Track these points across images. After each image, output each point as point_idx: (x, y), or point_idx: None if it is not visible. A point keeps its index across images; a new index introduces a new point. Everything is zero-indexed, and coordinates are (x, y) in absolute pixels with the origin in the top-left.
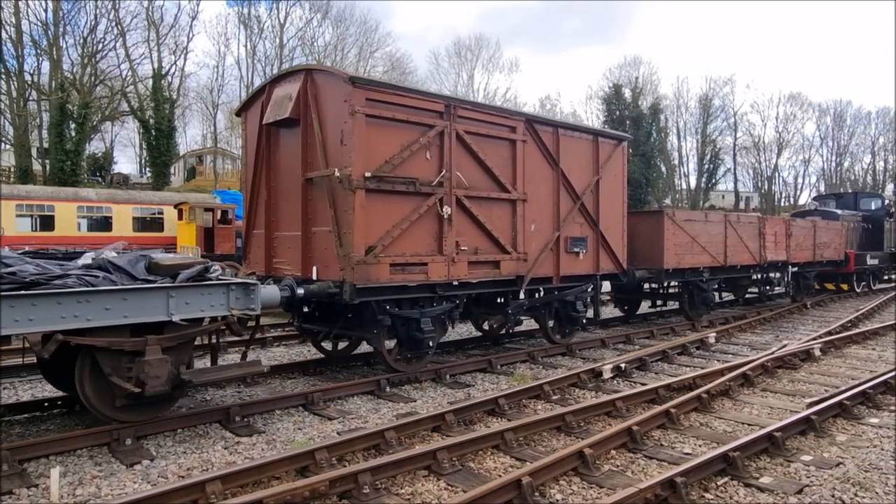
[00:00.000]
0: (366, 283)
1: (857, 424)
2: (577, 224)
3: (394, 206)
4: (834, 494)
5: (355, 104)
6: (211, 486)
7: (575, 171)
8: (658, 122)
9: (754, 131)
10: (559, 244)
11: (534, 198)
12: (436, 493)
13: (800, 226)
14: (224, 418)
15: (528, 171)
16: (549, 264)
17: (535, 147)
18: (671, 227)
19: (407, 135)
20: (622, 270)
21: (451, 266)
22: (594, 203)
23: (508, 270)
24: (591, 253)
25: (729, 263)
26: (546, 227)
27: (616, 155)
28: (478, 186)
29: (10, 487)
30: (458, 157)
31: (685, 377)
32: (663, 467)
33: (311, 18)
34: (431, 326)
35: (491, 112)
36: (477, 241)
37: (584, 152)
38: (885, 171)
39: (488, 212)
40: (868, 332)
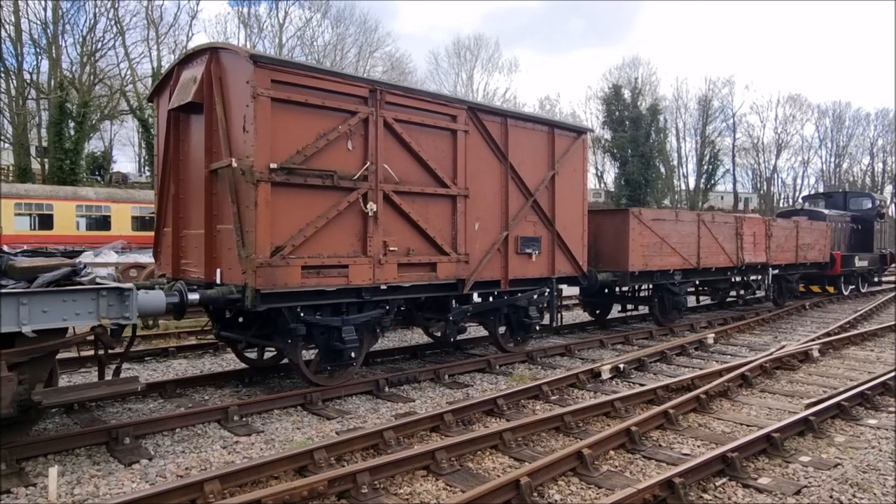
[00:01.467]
0: (272, 287)
1: (855, 426)
2: (529, 223)
3: (307, 201)
4: (832, 495)
5: (258, 86)
6: (209, 485)
7: (527, 166)
8: (657, 122)
9: (753, 132)
10: (508, 245)
11: (478, 194)
12: (434, 493)
13: (781, 226)
14: (222, 418)
15: (471, 164)
16: (497, 267)
17: (481, 138)
18: (637, 227)
19: (324, 122)
20: (582, 273)
21: (378, 269)
22: (549, 200)
23: (447, 273)
24: (546, 254)
25: (703, 266)
26: (493, 226)
27: (575, 149)
28: (411, 181)
29: (8, 486)
30: (387, 148)
31: (684, 378)
32: (662, 468)
33: (310, 18)
34: (354, 335)
35: (426, 99)
36: (409, 242)
37: (538, 145)
38: (884, 173)
39: (423, 209)
40: (867, 334)
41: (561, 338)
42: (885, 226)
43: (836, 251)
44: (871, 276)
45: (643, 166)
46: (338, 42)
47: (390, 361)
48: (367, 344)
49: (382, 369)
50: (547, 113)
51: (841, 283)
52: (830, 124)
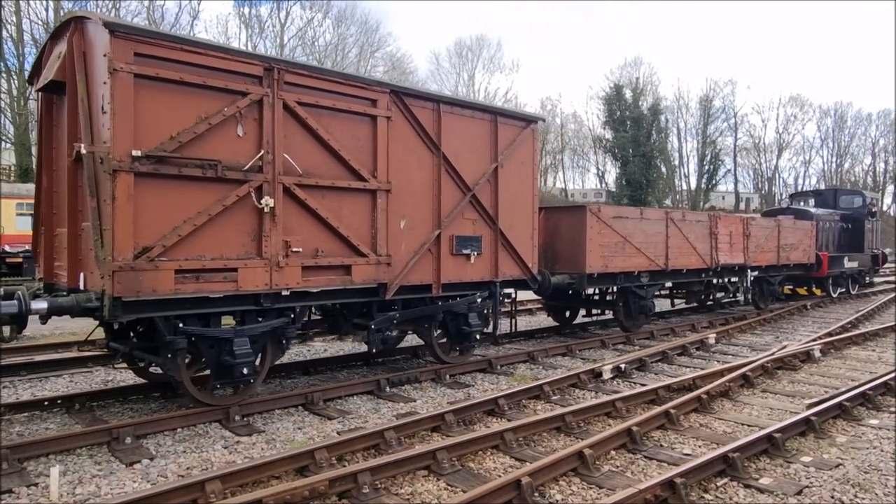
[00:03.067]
0: (135, 294)
1: (856, 426)
2: (467, 221)
3: (183, 195)
4: (833, 495)
5: (117, 60)
6: (210, 485)
7: (464, 157)
8: (658, 122)
9: (755, 132)
10: (441, 245)
11: (405, 188)
12: (435, 493)
13: (761, 225)
14: (224, 417)
15: (395, 155)
16: (427, 269)
17: (408, 126)
18: (595, 225)
19: (206, 104)
20: (531, 276)
21: (277, 272)
22: (492, 196)
23: (364, 277)
24: (488, 255)
25: (672, 267)
26: (422, 225)
27: (523, 139)
28: (319, 173)
29: (9, 486)
30: (289, 135)
31: (685, 378)
32: (663, 468)
33: (311, 18)
34: (248, 349)
35: (337, 80)
36: (318, 241)
37: (478, 135)
38: (886, 173)
39: (335, 205)
40: (868, 334)
41: (562, 337)
42: (877, 225)
43: (824, 252)
44: (862, 278)
45: (644, 166)
46: (339, 42)
47: (391, 361)
48: (272, 357)
49: (383, 369)
50: (548, 114)
51: (829, 285)
52: (832, 124)
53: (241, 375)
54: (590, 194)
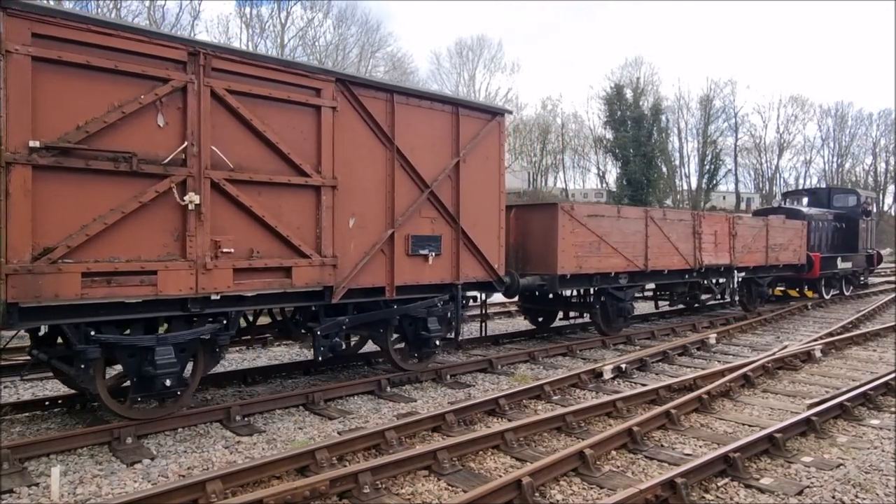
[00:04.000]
0: (35, 300)
1: (857, 426)
2: (425, 219)
3: (92, 190)
4: (834, 496)
5: (11, 40)
6: (211, 485)
7: (421, 152)
8: (659, 122)
9: (755, 132)
10: (394, 245)
11: (354, 185)
12: (436, 493)
13: (748, 225)
14: (225, 417)
15: (342, 149)
16: (380, 271)
17: (357, 118)
18: (568, 224)
19: (120, 90)
20: (497, 278)
21: (204, 275)
22: (453, 193)
23: (307, 279)
24: (448, 256)
25: (652, 268)
26: (374, 223)
27: (488, 133)
28: (254, 167)
29: (10, 486)
30: (219, 126)
31: (686, 378)
32: (664, 468)
33: (312, 18)
34: (172, 358)
35: (274, 66)
36: (253, 242)
37: (437, 128)
38: (887, 173)
39: (273, 202)
40: (869, 334)
41: (563, 338)
42: (872, 224)
43: (816, 252)
44: (856, 279)
45: (645, 166)
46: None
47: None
48: (203, 367)
49: (384, 369)
50: (549, 114)
51: (822, 286)
52: (833, 124)
53: (164, 387)
54: (590, 194)
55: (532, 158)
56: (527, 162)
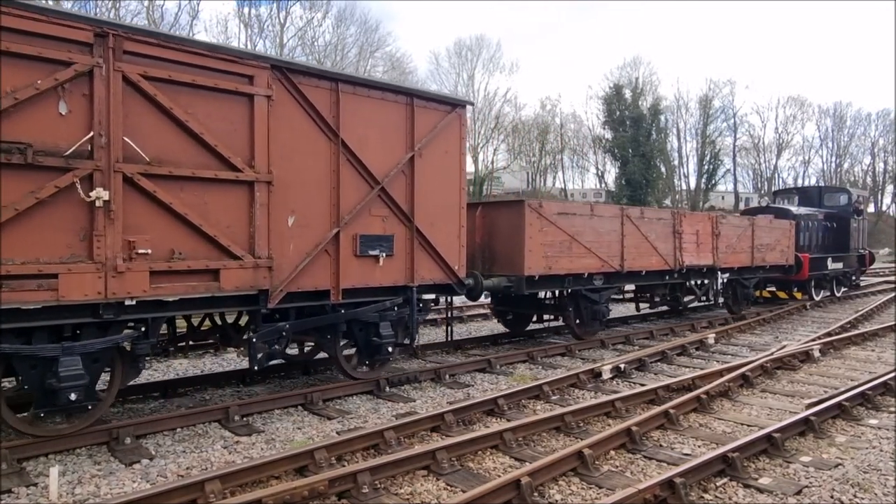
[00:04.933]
0: None
1: (856, 426)
2: (375, 218)
3: None
4: (833, 495)
5: None
6: (210, 485)
7: (371, 146)
8: (658, 122)
9: (754, 132)
10: (340, 245)
11: (294, 180)
12: (435, 493)
13: (732, 224)
14: (223, 417)
15: (280, 141)
16: (324, 273)
17: (297, 108)
18: (536, 223)
19: (11, 75)
20: (457, 280)
21: (115, 278)
22: (407, 189)
23: (238, 283)
24: (402, 257)
25: (628, 269)
26: (317, 222)
27: (447, 126)
28: (175, 160)
29: (9, 486)
30: (132, 115)
31: (684, 378)
32: (662, 468)
33: (311, 18)
34: (78, 369)
35: (198, 51)
36: (175, 241)
37: (389, 120)
38: (885, 173)
39: (198, 199)
40: (867, 334)
41: (562, 337)
42: (864, 223)
43: (805, 253)
44: (848, 279)
45: (644, 166)
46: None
47: (391, 361)
48: (123, 378)
49: (383, 369)
50: (548, 114)
51: (811, 287)
52: (831, 124)
53: (69, 401)
54: (589, 194)
55: (531, 158)
56: (526, 162)
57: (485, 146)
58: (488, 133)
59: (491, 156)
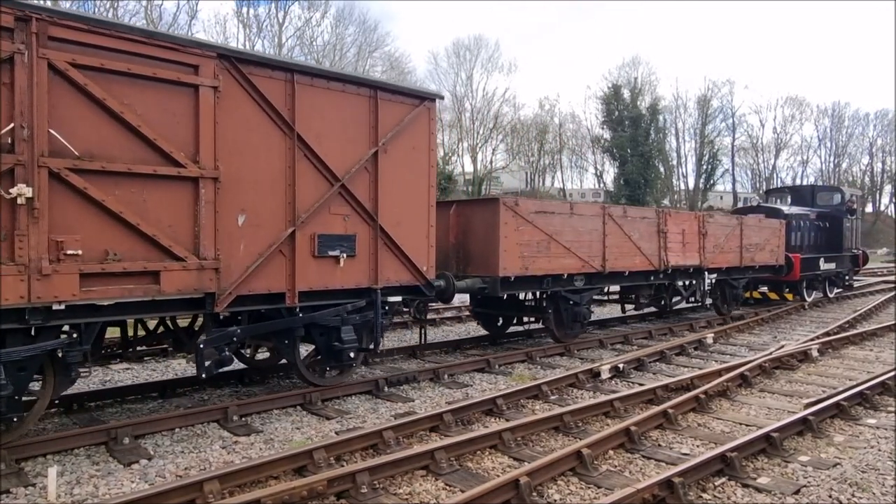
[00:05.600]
0: None
1: (854, 425)
2: (335, 216)
3: None
4: (831, 495)
5: None
6: (209, 485)
7: (331, 141)
8: (657, 122)
9: (753, 132)
10: (296, 245)
11: (244, 177)
12: (434, 493)
13: (720, 223)
14: (222, 418)
15: (228, 135)
16: (279, 275)
17: (248, 100)
18: (512, 221)
19: None
20: (425, 282)
21: (40, 281)
22: (370, 187)
23: (181, 286)
24: (365, 257)
25: (611, 269)
26: (271, 221)
27: (414, 120)
28: (108, 155)
29: (7, 487)
30: (60, 106)
31: (683, 378)
32: (661, 467)
33: (309, 18)
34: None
35: (134, 37)
36: (109, 242)
37: (351, 114)
38: (883, 173)
39: (136, 196)
40: (866, 333)
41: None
42: (857, 223)
43: (796, 253)
44: (841, 280)
45: (643, 166)
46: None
47: (390, 361)
48: (55, 388)
49: (382, 369)
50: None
51: (803, 288)
52: (830, 124)
53: None
54: (588, 194)
55: (530, 158)
56: (524, 162)
57: (483, 146)
58: (487, 133)
59: (490, 156)
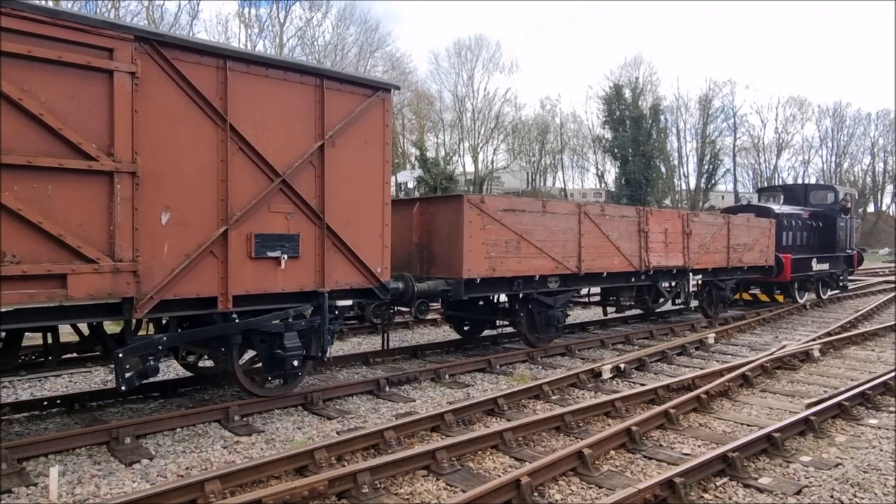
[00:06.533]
0: None
1: (856, 425)
2: (276, 214)
3: None
4: (833, 495)
5: None
6: (210, 485)
7: (271, 133)
8: (658, 122)
9: (754, 132)
10: (230, 245)
11: (168, 171)
12: (435, 493)
13: (705, 222)
14: (223, 417)
15: (149, 126)
16: (210, 277)
17: (173, 88)
18: (477, 220)
19: None
20: (379, 284)
21: None
22: (316, 183)
23: (92, 290)
24: (311, 259)
25: (587, 270)
26: (200, 219)
27: (367, 111)
28: (7, 146)
29: (9, 486)
30: None
31: (684, 378)
32: (662, 468)
33: (310, 18)
34: None
35: (37, 17)
36: (7, 242)
37: (293, 104)
38: (885, 173)
39: (38, 192)
40: (867, 333)
41: (562, 338)
42: (851, 222)
43: (787, 253)
44: (835, 281)
45: (644, 166)
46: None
47: (391, 361)
48: None
49: (383, 369)
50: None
51: (794, 290)
52: (831, 124)
53: None
54: (589, 194)
55: (531, 158)
56: (525, 162)
57: (485, 146)
58: (488, 133)
59: (491, 156)
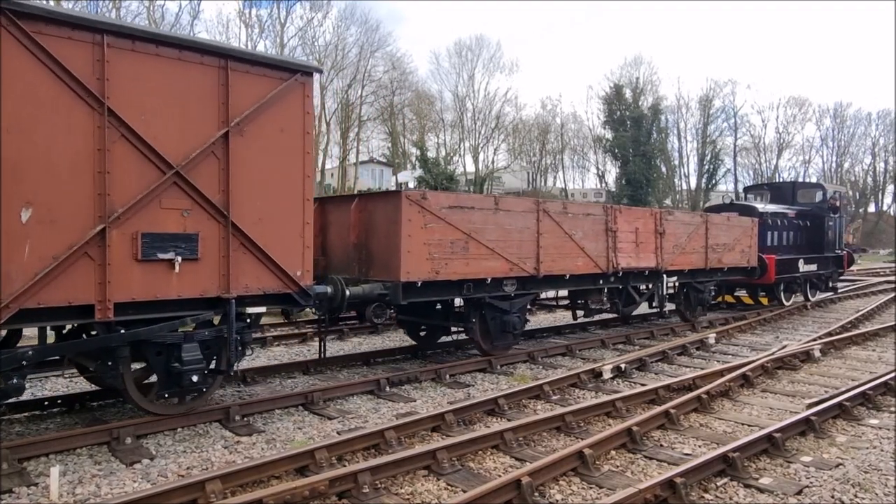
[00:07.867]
0: None
1: (856, 425)
2: (169, 211)
3: None
4: (833, 495)
5: None
6: (211, 485)
7: (162, 119)
8: (659, 122)
9: (755, 132)
10: (111, 246)
11: (30, 161)
12: (435, 493)
13: (680, 221)
14: (224, 417)
15: (7, 109)
16: (86, 282)
17: (36, 66)
18: (417, 218)
19: None
20: (299, 289)
21: None
22: (220, 177)
23: None
24: (214, 261)
25: (546, 272)
26: (71, 216)
27: (283, 97)
28: None
29: (9, 486)
30: None
31: (685, 378)
32: (663, 468)
33: (311, 18)
34: None
35: None
36: None
37: (191, 87)
38: (886, 173)
39: None
40: (868, 334)
41: (563, 338)
42: (840, 222)
43: (772, 254)
44: (824, 282)
45: (644, 166)
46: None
47: (391, 361)
48: None
49: (384, 369)
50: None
51: (780, 292)
52: (832, 124)
53: None
54: (590, 194)
55: (531, 158)
56: (526, 162)
57: (485, 146)
58: (489, 133)
59: (491, 156)
